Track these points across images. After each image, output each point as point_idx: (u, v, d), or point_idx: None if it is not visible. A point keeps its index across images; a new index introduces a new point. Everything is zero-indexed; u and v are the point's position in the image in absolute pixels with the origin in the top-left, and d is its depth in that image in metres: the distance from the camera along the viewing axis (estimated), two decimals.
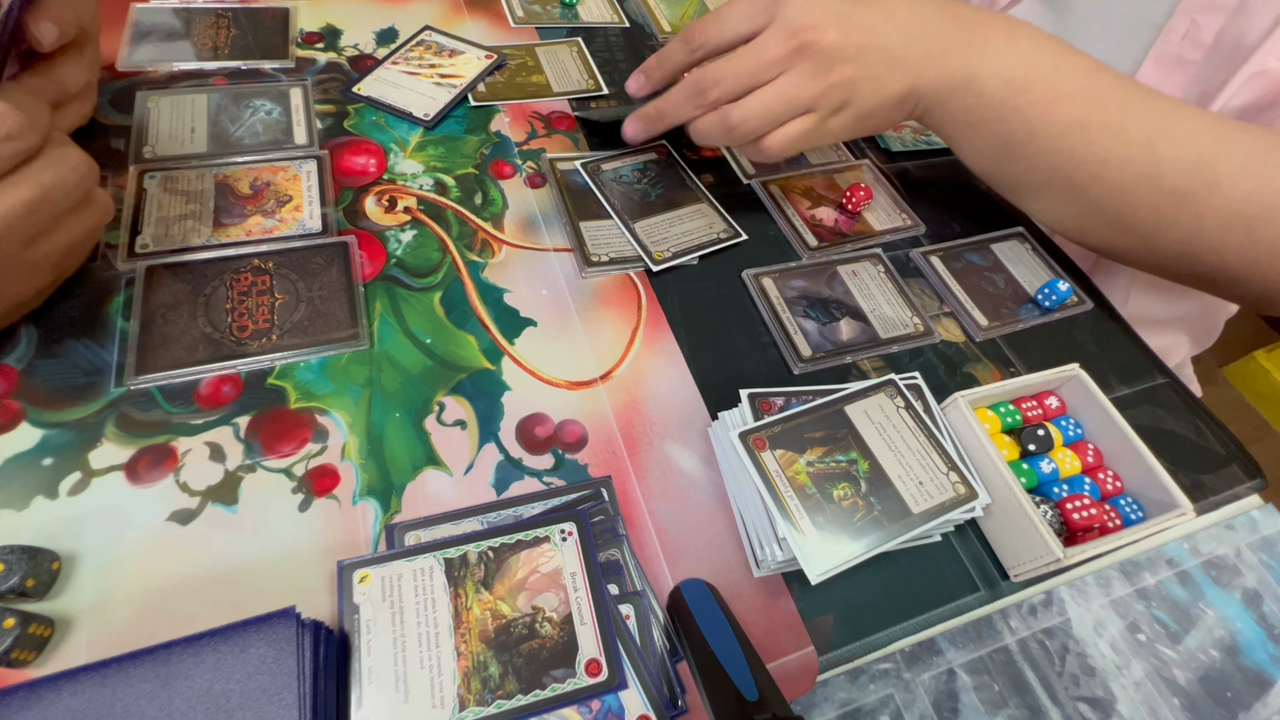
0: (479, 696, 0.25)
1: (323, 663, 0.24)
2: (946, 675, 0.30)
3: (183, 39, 0.46)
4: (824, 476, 0.30)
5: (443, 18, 0.54)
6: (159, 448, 0.30)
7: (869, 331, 0.40)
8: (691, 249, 0.42)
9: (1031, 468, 0.34)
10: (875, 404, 0.33)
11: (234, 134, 0.41)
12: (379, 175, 0.42)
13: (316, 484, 0.30)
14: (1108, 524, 0.32)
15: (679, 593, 0.29)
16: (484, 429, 0.33)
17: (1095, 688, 0.31)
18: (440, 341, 0.35)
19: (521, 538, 0.29)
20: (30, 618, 0.24)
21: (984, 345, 0.42)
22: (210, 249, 0.36)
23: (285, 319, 0.34)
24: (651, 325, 0.38)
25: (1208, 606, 0.34)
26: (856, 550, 0.28)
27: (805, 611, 0.30)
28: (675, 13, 0.61)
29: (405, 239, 0.39)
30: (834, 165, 0.50)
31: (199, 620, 0.25)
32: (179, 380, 0.32)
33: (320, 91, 0.46)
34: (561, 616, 0.27)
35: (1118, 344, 0.44)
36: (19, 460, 0.28)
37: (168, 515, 0.28)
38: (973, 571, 0.33)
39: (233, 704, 0.22)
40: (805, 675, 0.29)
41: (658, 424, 0.35)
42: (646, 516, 0.31)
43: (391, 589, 0.27)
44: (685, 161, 0.47)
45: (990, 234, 0.48)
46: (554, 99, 0.50)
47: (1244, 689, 0.32)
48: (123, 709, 0.21)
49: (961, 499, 0.30)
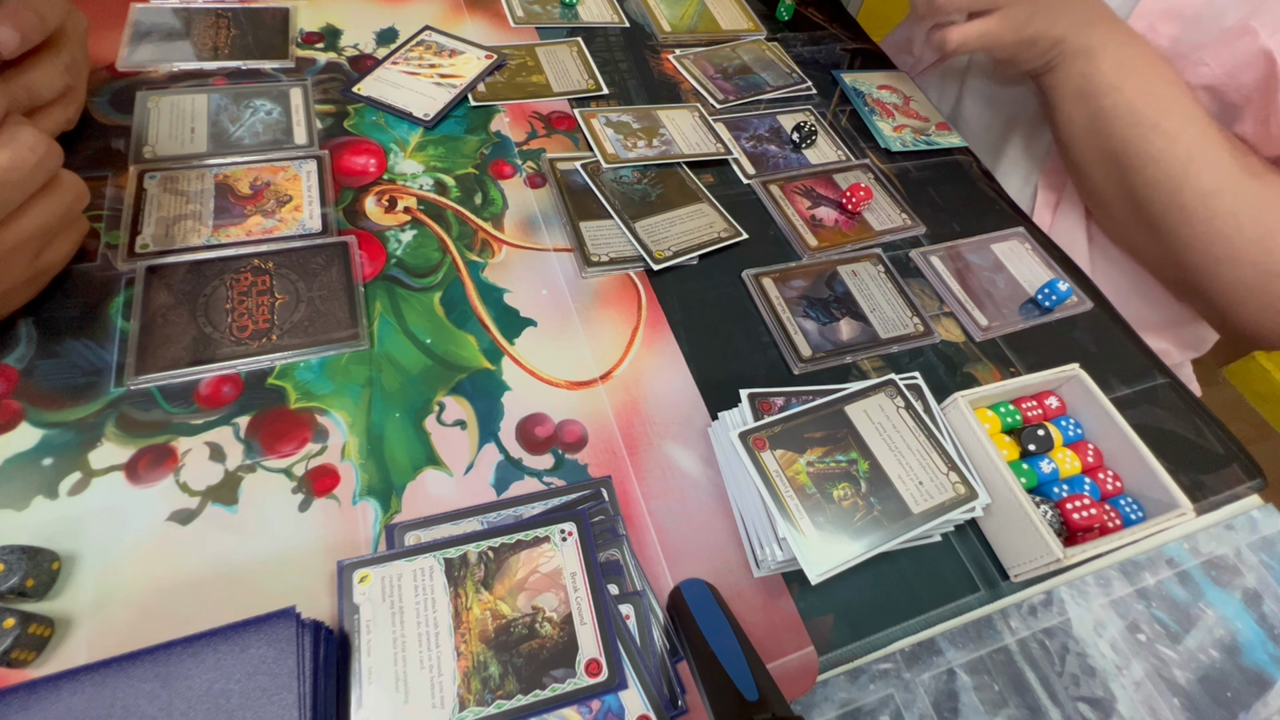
0: (479, 696, 0.25)
1: (323, 663, 0.24)
2: (946, 675, 0.30)
3: (183, 39, 0.46)
4: (824, 476, 0.30)
5: (443, 18, 0.54)
6: (159, 448, 0.30)
7: (869, 331, 0.40)
8: (692, 248, 0.42)
9: (1031, 468, 0.34)
10: (875, 404, 0.33)
11: (234, 134, 0.41)
12: (379, 175, 0.42)
13: (316, 484, 0.30)
14: (1108, 524, 0.32)
15: (679, 593, 0.29)
16: (484, 429, 0.33)
17: (1095, 688, 0.31)
18: (440, 341, 0.35)
19: (521, 538, 0.29)
20: (30, 618, 0.24)
21: (984, 345, 0.42)
22: (210, 249, 0.36)
23: (285, 319, 0.34)
24: (651, 325, 0.38)
25: (1208, 606, 0.34)
26: (856, 550, 0.28)
27: (805, 611, 0.30)
28: (675, 13, 0.61)
29: (405, 239, 0.39)
30: (834, 165, 0.50)
31: (199, 620, 0.25)
32: (179, 380, 0.32)
33: (320, 91, 0.46)
34: (561, 616, 0.27)
35: (1118, 344, 0.44)
36: (19, 460, 0.28)
37: (168, 515, 0.28)
38: (973, 571, 0.33)
39: (233, 704, 0.22)
40: (805, 675, 0.29)
41: (658, 424, 0.34)
42: (646, 516, 0.31)
43: (391, 589, 0.27)
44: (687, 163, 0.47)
45: (990, 234, 0.48)
46: (554, 99, 0.50)
47: (1244, 689, 0.32)
48: (123, 709, 0.21)
49: (961, 499, 0.30)
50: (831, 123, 0.54)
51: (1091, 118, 0.44)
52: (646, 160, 0.46)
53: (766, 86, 0.55)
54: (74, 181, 0.31)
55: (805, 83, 0.57)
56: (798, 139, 0.51)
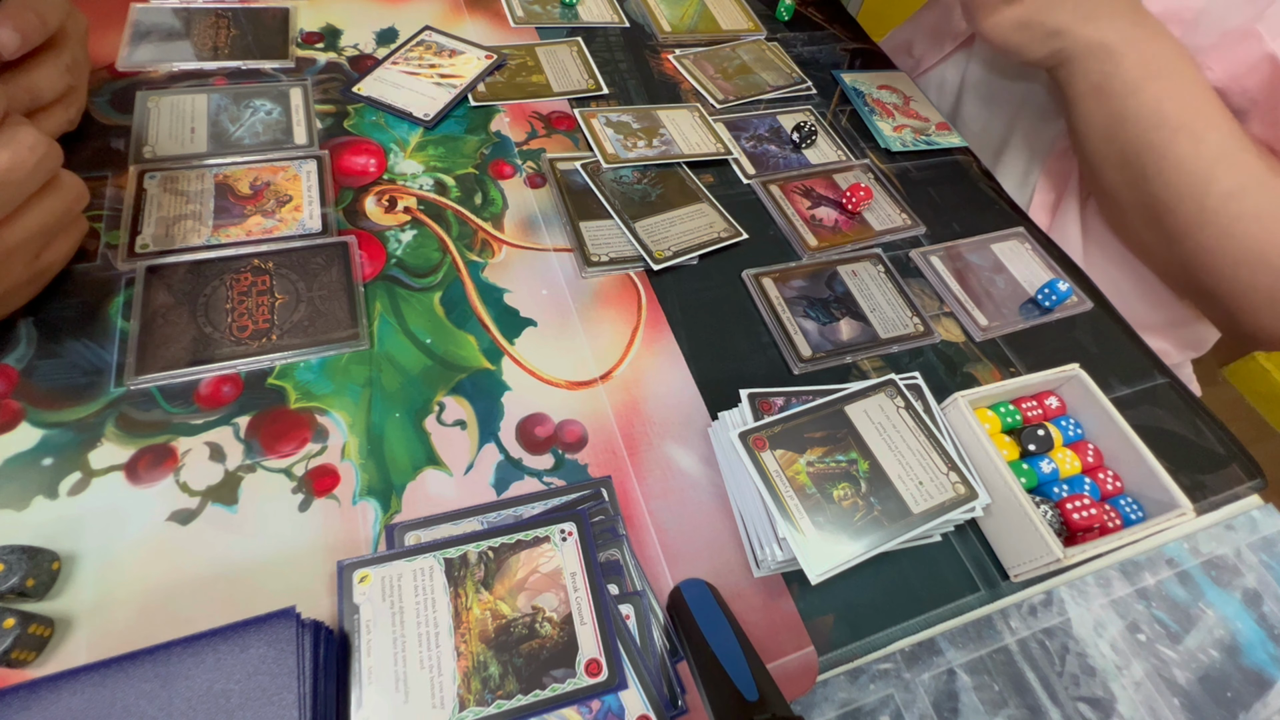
0: (479, 696, 0.25)
1: (323, 663, 0.24)
2: (946, 675, 0.30)
3: (183, 39, 0.46)
4: (824, 476, 0.30)
5: (443, 18, 0.54)
6: (159, 448, 0.30)
7: (869, 331, 0.40)
8: (692, 248, 0.41)
9: (1031, 468, 0.34)
10: (875, 404, 0.33)
11: (234, 134, 0.41)
12: (379, 175, 0.42)
13: (316, 484, 0.30)
14: (1108, 524, 0.32)
15: (679, 593, 0.29)
16: (484, 429, 0.33)
17: (1095, 688, 0.31)
18: (440, 341, 0.35)
19: (521, 538, 0.29)
20: (30, 618, 0.24)
21: (984, 345, 0.42)
22: (210, 249, 0.36)
23: (285, 319, 0.34)
24: (651, 325, 0.38)
25: (1208, 606, 0.34)
26: (856, 550, 0.28)
27: (805, 611, 0.30)
28: (675, 13, 0.61)
29: (405, 239, 0.39)
30: (834, 165, 0.50)
31: (199, 620, 0.25)
32: (179, 380, 0.32)
33: (320, 91, 0.46)
34: (561, 616, 0.27)
35: (1118, 344, 0.44)
36: (19, 460, 0.28)
37: (168, 515, 0.28)
38: (973, 571, 0.33)
39: (233, 704, 0.22)
40: (805, 675, 0.29)
41: (658, 424, 0.34)
42: (646, 516, 0.31)
43: (391, 589, 0.27)
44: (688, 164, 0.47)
45: (990, 234, 0.48)
46: (554, 99, 0.50)
47: (1244, 689, 0.32)
48: (123, 709, 0.21)
49: (961, 499, 0.30)
50: (831, 123, 0.54)
51: (1111, 117, 0.43)
52: (646, 160, 0.46)
53: (766, 86, 0.55)
54: (74, 182, 0.31)
55: (805, 83, 0.57)
56: (798, 139, 0.51)
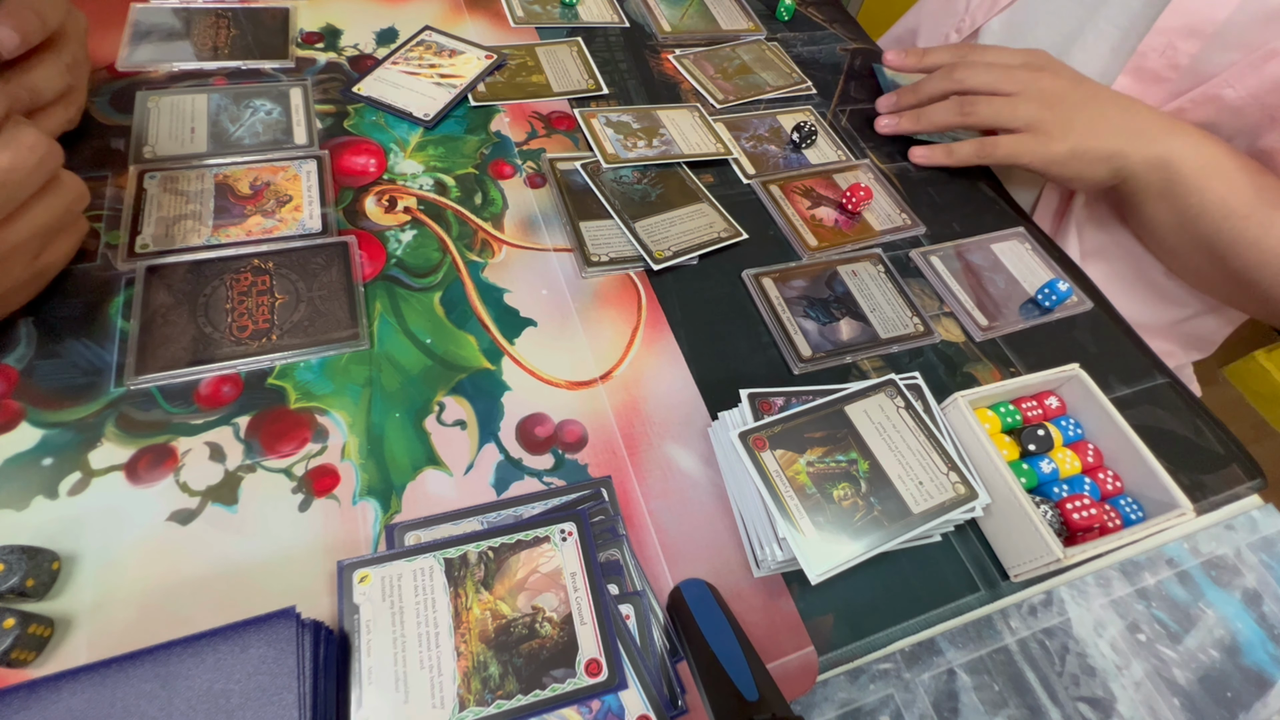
0: (479, 696, 0.25)
1: (323, 663, 0.24)
2: (946, 675, 0.30)
3: (183, 39, 0.46)
4: (824, 476, 0.30)
5: (443, 18, 0.54)
6: (159, 448, 0.30)
7: (869, 331, 0.40)
8: (692, 248, 0.41)
9: (1031, 468, 0.34)
10: (875, 404, 0.33)
11: (234, 134, 0.41)
12: (379, 175, 0.42)
13: (316, 484, 0.30)
14: (1108, 524, 0.32)
15: (679, 593, 0.29)
16: (484, 429, 0.33)
17: (1095, 688, 0.31)
18: (440, 341, 0.35)
19: (521, 538, 0.29)
20: (30, 618, 0.24)
21: (984, 345, 0.42)
22: (210, 249, 0.36)
23: (285, 319, 0.34)
24: (651, 325, 0.38)
25: (1208, 606, 0.34)
26: (856, 550, 0.28)
27: (805, 611, 0.30)
28: (675, 13, 0.61)
29: (405, 239, 0.39)
30: (834, 165, 0.50)
31: (199, 620, 0.25)
32: (179, 380, 0.32)
33: (320, 91, 0.46)
34: (561, 616, 0.27)
35: (1118, 344, 0.44)
36: (19, 460, 0.28)
37: (168, 515, 0.28)
38: (973, 571, 0.33)
39: (233, 704, 0.22)
40: (805, 675, 0.29)
41: (658, 424, 0.34)
42: (646, 516, 0.31)
43: (391, 589, 0.27)
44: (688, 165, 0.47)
45: (990, 234, 0.48)
46: (554, 99, 0.50)
47: (1244, 689, 0.32)
48: (123, 709, 0.21)
49: (961, 499, 0.30)
50: (831, 123, 0.54)
51: (1180, 215, 0.45)
52: (646, 160, 0.46)
53: (767, 87, 0.55)
54: (74, 182, 0.31)
55: (805, 83, 0.57)
56: (798, 139, 0.51)
